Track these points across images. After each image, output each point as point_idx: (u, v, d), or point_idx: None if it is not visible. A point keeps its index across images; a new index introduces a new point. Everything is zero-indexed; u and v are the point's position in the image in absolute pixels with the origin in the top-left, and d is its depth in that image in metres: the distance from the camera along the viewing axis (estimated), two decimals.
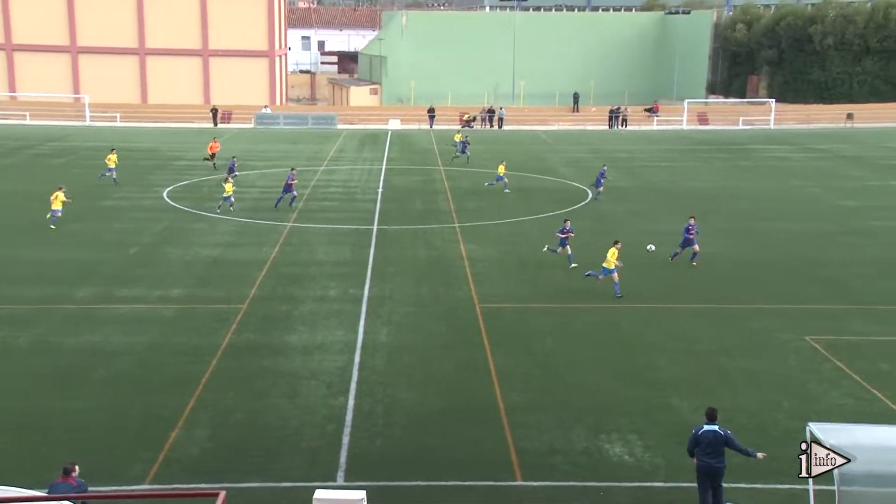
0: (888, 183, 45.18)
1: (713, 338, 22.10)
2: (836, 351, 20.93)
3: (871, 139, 64.74)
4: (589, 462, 15.79)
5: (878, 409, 17.71)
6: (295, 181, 38.82)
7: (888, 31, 78.19)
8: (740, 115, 77.98)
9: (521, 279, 27.54)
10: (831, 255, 30.24)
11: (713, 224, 35.58)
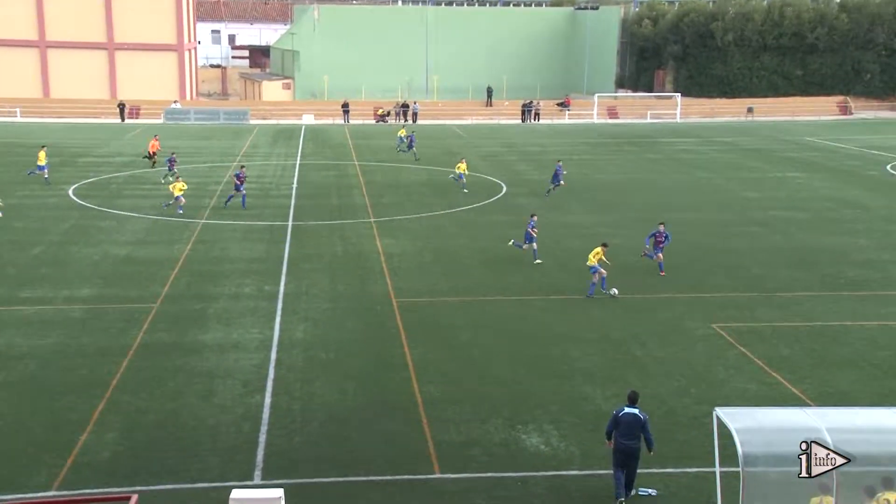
0: (786, 174, 46.82)
1: (625, 327, 22.57)
2: (741, 337, 21.62)
3: (769, 132, 66.98)
4: (506, 453, 15.95)
5: (780, 392, 18.36)
6: (244, 179, 37.99)
7: (783, 28, 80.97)
8: (648, 108, 79.75)
9: (438, 273, 27.63)
10: (735, 245, 31.18)
11: (624, 215, 36.32)
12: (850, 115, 79.76)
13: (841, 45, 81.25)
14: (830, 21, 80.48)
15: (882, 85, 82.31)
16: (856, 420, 13.26)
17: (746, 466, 12.13)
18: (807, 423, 12.88)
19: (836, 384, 18.77)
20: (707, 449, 14.15)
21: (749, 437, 12.41)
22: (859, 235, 32.39)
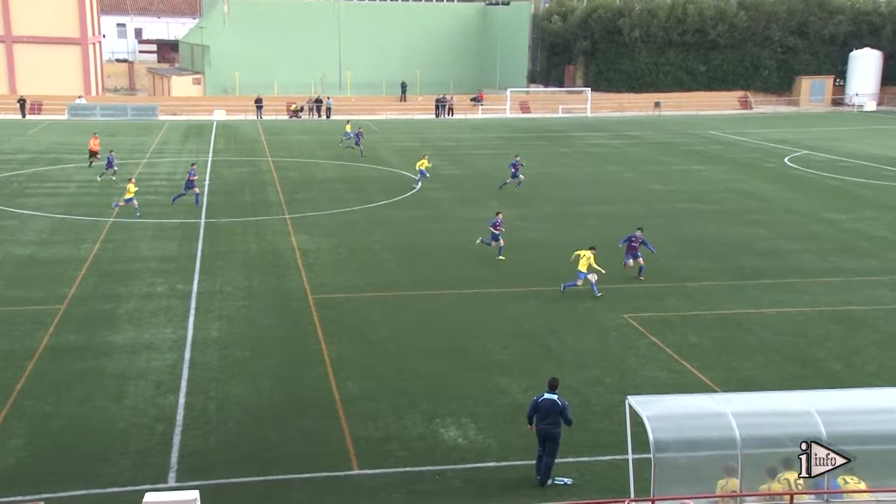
0: (691, 167, 48.07)
1: (541, 319, 22.86)
2: (651, 327, 22.14)
3: (675, 126, 68.68)
4: (424, 447, 15.99)
5: (688, 379, 18.87)
6: (196, 177, 37.09)
7: (687, 25, 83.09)
8: (559, 103, 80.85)
9: (354, 269, 27.49)
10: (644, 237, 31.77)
11: (538, 209, 36.76)
12: (750, 109, 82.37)
13: (741, 41, 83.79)
14: (730, 18, 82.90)
15: (779, 80, 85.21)
16: (759, 404, 13.71)
17: (657, 453, 12.42)
18: (714, 409, 13.28)
19: (740, 370, 19.38)
20: (621, 437, 14.45)
21: (660, 424, 12.71)
22: (761, 226, 33.48)
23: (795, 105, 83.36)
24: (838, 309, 23.35)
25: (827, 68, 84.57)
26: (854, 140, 58.46)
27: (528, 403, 15.21)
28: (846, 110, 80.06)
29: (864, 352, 20.37)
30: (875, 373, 19.04)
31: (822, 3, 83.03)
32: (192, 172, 37.07)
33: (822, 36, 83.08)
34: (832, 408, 13.20)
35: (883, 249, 29.51)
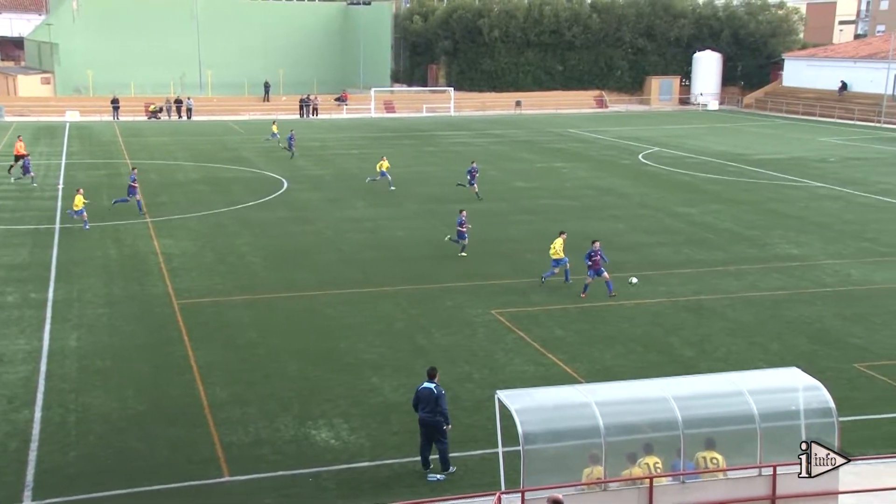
0: (552, 165, 49.31)
1: (410, 317, 22.94)
2: (518, 322, 22.58)
3: (536, 124, 70.29)
4: (296, 450, 15.78)
5: (555, 372, 19.35)
6: (136, 183, 35.37)
7: (543, 26, 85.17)
8: (423, 102, 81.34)
9: (220, 272, 26.83)
10: (510, 233, 32.48)
11: (405, 208, 36.87)
12: (605, 107, 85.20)
13: (594, 42, 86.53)
14: (584, 20, 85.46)
15: (630, 80, 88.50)
16: (620, 393, 14.20)
17: (526, 445, 12.68)
18: (579, 400, 13.66)
19: (602, 361, 20.03)
20: (491, 431, 14.67)
21: (528, 417, 12.98)
22: (618, 221, 34.67)
23: (647, 104, 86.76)
24: (691, 299, 24.46)
25: (674, 69, 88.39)
26: (700, 137, 61.37)
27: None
28: (692, 109, 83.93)
29: (714, 339, 21.42)
30: (724, 358, 20.05)
31: (667, 6, 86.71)
32: (132, 177, 35.55)
33: (668, 38, 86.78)
34: (687, 393, 13.81)
35: (729, 241, 31.10)
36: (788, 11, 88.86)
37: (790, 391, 13.94)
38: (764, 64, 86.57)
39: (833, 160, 49.57)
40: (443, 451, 14.94)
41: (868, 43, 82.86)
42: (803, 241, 30.97)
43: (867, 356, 20.12)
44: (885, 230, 32.42)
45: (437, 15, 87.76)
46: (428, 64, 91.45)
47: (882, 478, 14.10)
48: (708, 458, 13.28)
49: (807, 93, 77.93)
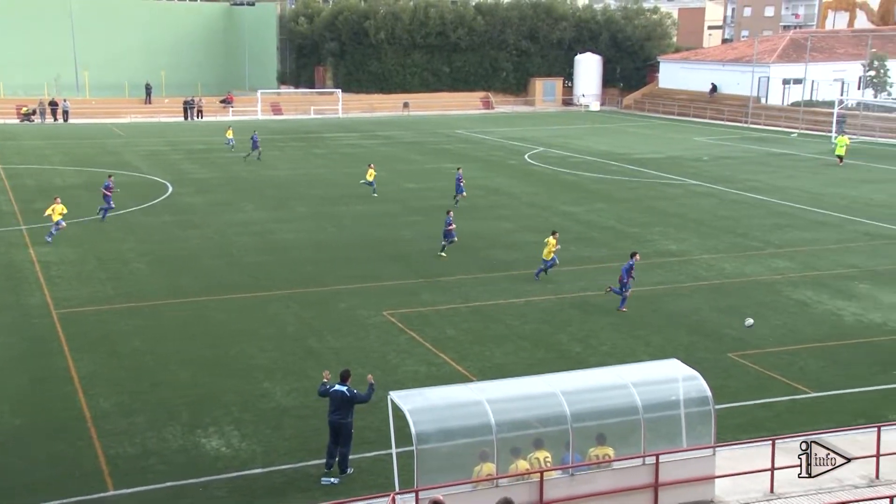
0: (440, 165, 49.57)
1: (302, 321, 22.67)
2: (410, 322, 22.61)
3: (424, 126, 70.55)
4: (186, 459, 15.37)
5: (447, 371, 19.47)
6: (112, 190, 33.87)
7: (429, 28, 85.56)
8: (311, 104, 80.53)
9: (103, 279, 25.88)
10: (401, 234, 32.48)
11: (294, 210, 36.42)
12: (492, 109, 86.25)
13: (480, 44, 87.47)
14: (469, 22, 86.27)
15: (515, 82, 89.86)
16: (510, 390, 14.41)
17: (419, 444, 12.72)
18: (470, 398, 13.80)
19: (493, 359, 20.26)
20: (384, 432, 14.64)
21: (421, 417, 13.03)
22: (507, 220, 35.15)
23: (531, 105, 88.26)
24: (577, 295, 25.02)
25: (557, 70, 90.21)
26: (583, 137, 62.86)
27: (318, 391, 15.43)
28: (575, 110, 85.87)
29: (600, 334, 21.98)
30: (609, 352, 20.59)
31: (549, 9, 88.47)
32: (108, 184, 34.05)
33: (551, 40, 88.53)
34: (574, 388, 14.13)
35: (612, 238, 31.96)
36: (662, 16, 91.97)
37: (671, 382, 14.44)
38: (641, 66, 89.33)
39: (707, 159, 51.59)
40: (345, 454, 14.86)
41: (734, 48, 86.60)
42: (681, 237, 32.11)
43: (740, 346, 21.03)
44: (754, 225, 33.93)
45: (322, 16, 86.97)
46: (315, 65, 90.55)
47: (755, 460, 14.75)
48: (601, 454, 13.62)
49: (681, 94, 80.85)
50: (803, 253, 29.55)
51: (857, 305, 23.99)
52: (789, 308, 23.78)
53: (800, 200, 38.30)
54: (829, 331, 22.08)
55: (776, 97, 72.67)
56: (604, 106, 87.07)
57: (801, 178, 44.40)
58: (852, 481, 14.68)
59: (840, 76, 70.92)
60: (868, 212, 35.76)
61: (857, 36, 78.43)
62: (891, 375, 19.23)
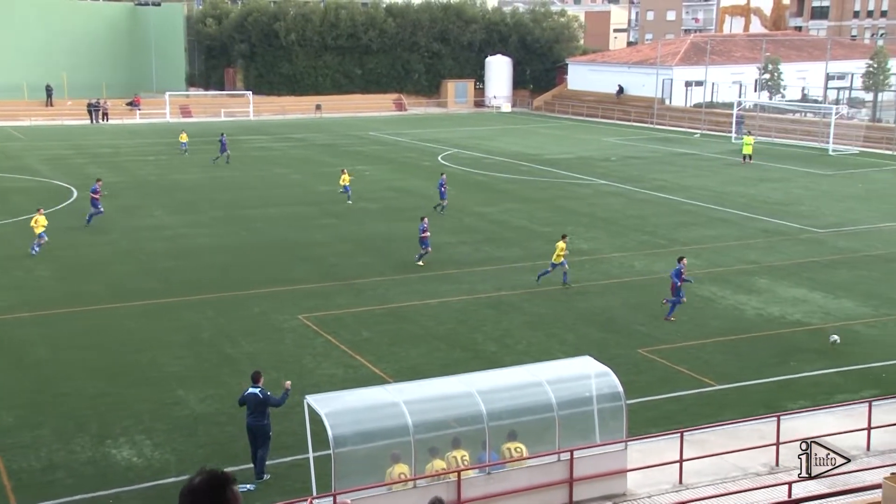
0: (354, 167, 49.28)
1: (216, 326, 22.26)
2: (325, 325, 22.44)
3: (337, 128, 70.08)
4: (95, 471, 14.93)
5: (364, 373, 19.39)
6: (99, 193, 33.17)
7: (340, 30, 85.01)
8: (222, 106, 79.10)
9: (4, 287, 24.90)
10: (315, 237, 32.20)
11: (206, 214, 35.72)
12: (404, 110, 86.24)
13: (391, 46, 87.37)
14: (380, 24, 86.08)
15: (427, 83, 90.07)
16: (427, 391, 14.46)
17: (336, 448, 12.64)
18: (387, 400, 13.79)
19: (409, 360, 20.28)
20: (301, 436, 14.49)
21: (338, 420, 12.96)
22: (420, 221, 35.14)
23: (444, 106, 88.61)
24: (492, 295, 25.23)
25: (468, 72, 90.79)
26: (495, 138, 63.41)
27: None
28: (486, 111, 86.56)
29: (515, 332, 22.22)
30: (525, 351, 20.84)
31: (459, 12, 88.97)
32: (95, 188, 32.95)
33: (462, 42, 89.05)
34: (490, 387, 14.27)
35: (524, 238, 32.35)
36: (569, 19, 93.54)
37: (584, 378, 14.71)
38: (550, 68, 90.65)
39: (615, 159, 52.68)
40: (262, 457, 14.70)
41: (639, 50, 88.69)
42: (592, 235, 32.71)
43: (649, 341, 21.56)
44: (661, 223, 34.82)
45: (231, 18, 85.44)
46: (225, 67, 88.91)
47: (665, 453, 15.15)
48: (512, 448, 13.77)
49: (589, 96, 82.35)
50: (707, 250, 30.46)
51: (758, 300, 24.86)
52: (694, 303, 24.48)
53: (703, 199, 39.47)
54: (733, 325, 22.82)
55: (679, 99, 74.68)
56: (515, 107, 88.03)
57: (704, 177, 45.76)
58: (755, 469, 15.21)
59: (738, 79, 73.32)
60: (766, 209, 37.09)
61: (753, 40, 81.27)
62: (789, 366, 20.00)
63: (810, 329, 22.41)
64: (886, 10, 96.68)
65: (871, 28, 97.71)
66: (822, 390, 18.74)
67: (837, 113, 56.51)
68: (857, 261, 28.85)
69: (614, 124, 73.46)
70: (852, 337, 21.84)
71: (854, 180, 44.66)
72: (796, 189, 42.01)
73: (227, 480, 4.07)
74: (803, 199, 39.46)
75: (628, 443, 14.55)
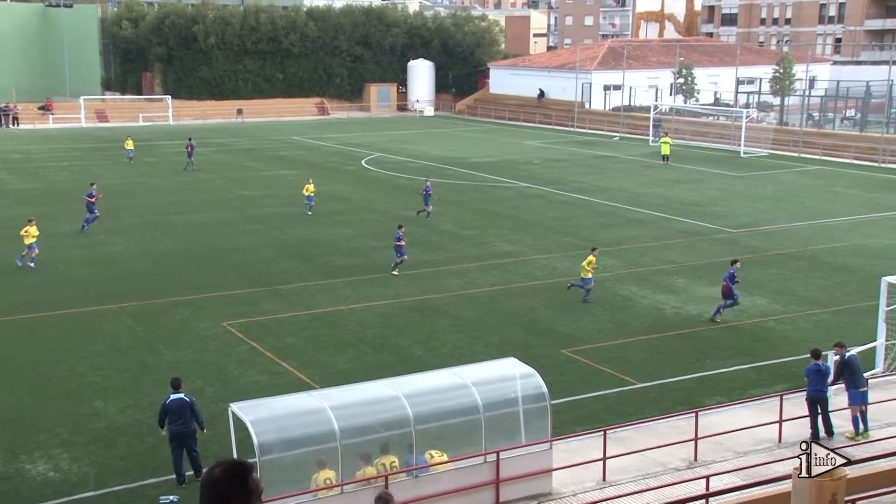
0: (278, 172, 48.83)
1: (136, 335, 21.75)
2: (250, 332, 22.14)
3: (259, 132, 69.24)
4: (8, 488, 14.44)
5: (289, 379, 19.19)
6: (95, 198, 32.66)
7: (261, 33, 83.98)
8: (140, 111, 77.35)
9: None
10: (238, 243, 31.73)
11: (124, 221, 34.88)
12: (327, 115, 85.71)
13: (313, 50, 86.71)
14: (301, 28, 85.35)
15: (350, 87, 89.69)
16: (354, 396, 14.40)
17: (263, 455, 12.49)
18: (314, 406, 13.68)
19: (335, 365, 20.15)
20: (227, 445, 14.27)
21: (264, 427, 12.82)
22: (346, 226, 35.02)
23: (367, 111, 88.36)
24: (417, 299, 25.26)
25: (391, 76, 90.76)
26: (419, 142, 63.51)
27: (158, 409, 14.99)
28: (410, 115, 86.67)
29: (440, 336, 22.29)
30: (450, 354, 20.91)
31: (381, 16, 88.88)
32: (91, 192, 32.15)
33: (384, 46, 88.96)
34: (417, 390, 14.29)
35: (449, 241, 32.48)
36: (490, 24, 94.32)
37: (509, 380, 14.85)
38: (472, 72, 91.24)
39: (537, 162, 53.31)
40: (196, 459, 14.45)
41: (558, 55, 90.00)
42: (515, 238, 33.03)
43: (573, 342, 21.88)
44: (582, 225, 35.38)
45: (148, 20, 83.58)
46: (142, 71, 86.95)
47: (590, 451, 15.40)
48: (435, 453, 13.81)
49: (511, 99, 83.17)
50: (627, 250, 31.08)
51: (676, 299, 25.47)
52: (616, 303, 24.94)
53: (622, 200, 40.24)
54: (653, 323, 23.32)
55: (598, 102, 76.04)
56: (438, 111, 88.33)
57: (622, 179, 46.67)
58: (674, 464, 15.58)
59: (654, 83, 75.03)
60: (682, 210, 38.02)
61: (667, 45, 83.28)
62: (705, 363, 20.55)
63: (726, 327, 23.07)
64: (790, 17, 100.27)
65: (776, 35, 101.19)
66: (738, 385, 19.30)
67: (748, 117, 58.26)
68: (769, 259, 29.82)
69: (536, 128, 74.35)
70: (765, 333, 22.56)
71: (764, 182, 46.14)
72: (711, 190, 43.19)
73: (247, 469, 4.05)
74: (717, 199, 40.60)
75: (553, 442, 14.74)
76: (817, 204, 39.60)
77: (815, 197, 41.43)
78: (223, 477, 4.00)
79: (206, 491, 4.00)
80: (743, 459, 15.57)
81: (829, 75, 77.92)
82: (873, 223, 35.48)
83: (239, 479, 4.01)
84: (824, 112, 64.26)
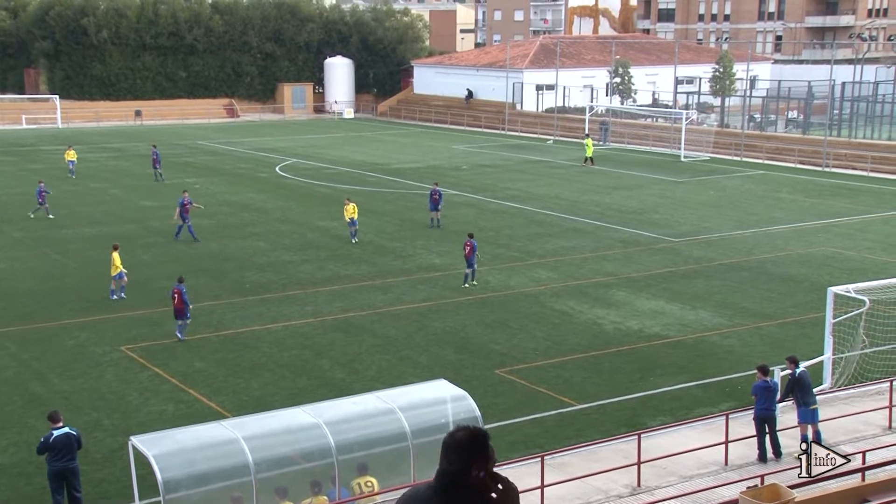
0: (182, 180, 48.07)
1: (21, 362, 21.16)
2: (153, 356, 21.74)
3: (161, 136, 68.07)
4: None
5: (198, 408, 18.90)
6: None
7: (160, 27, 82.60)
8: (23, 112, 75.41)
9: None
10: (141, 258, 31.08)
11: (5, 235, 33.91)
12: (237, 117, 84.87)
13: (219, 47, 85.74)
14: (206, 22, 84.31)
15: (262, 87, 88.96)
16: (270, 424, 14.29)
17: (167, 494, 12.30)
18: (225, 437, 13.52)
19: (250, 391, 19.93)
20: (127, 483, 13.98)
21: (168, 462, 12.62)
22: (259, 238, 34.69)
23: (280, 112, 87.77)
24: (339, 317, 25.16)
25: (306, 75, 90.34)
26: (338, 147, 63.35)
27: (37, 446, 14.77)
28: (328, 117, 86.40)
29: (365, 357, 22.25)
30: (375, 377, 20.88)
31: (294, 10, 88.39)
32: (184, 201, 33.54)
33: (298, 43, 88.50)
34: (339, 417, 14.26)
35: (372, 253, 32.45)
36: (413, 18, 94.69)
37: (439, 404, 14.92)
38: (395, 71, 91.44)
39: (466, 168, 53.70)
40: (78, 501, 14.10)
41: (487, 52, 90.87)
42: (444, 250, 33.16)
43: (507, 361, 22.07)
44: (515, 235, 35.74)
45: (29, 11, 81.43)
46: (24, 68, 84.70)
47: (527, 479, 15.52)
48: (362, 483, 13.78)
49: (437, 100, 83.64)
50: (563, 262, 31.50)
51: (616, 313, 25.92)
52: (553, 319, 25.25)
53: (557, 208, 40.81)
54: (592, 340, 23.69)
55: (531, 103, 76.98)
56: (358, 113, 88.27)
57: (557, 185, 47.33)
58: (616, 491, 15.84)
59: (589, 82, 76.36)
60: (621, 218, 38.75)
61: (602, 42, 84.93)
62: (648, 382, 20.96)
63: (669, 342, 23.57)
64: (729, 13, 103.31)
65: (715, 32, 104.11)
66: (683, 405, 19.73)
67: (688, 118, 59.66)
68: (712, 270, 30.58)
69: (464, 130, 74.91)
70: (709, 349, 23.12)
71: (706, 187, 47.33)
72: (650, 197, 44.10)
73: (487, 436, 4.64)
74: (658, 207, 41.48)
75: None
76: (761, 211, 40.80)
77: (759, 203, 42.68)
78: (468, 441, 4.56)
79: (448, 452, 4.59)
80: (688, 484, 15.91)
81: (771, 74, 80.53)
82: (818, 230, 36.72)
83: (481, 443, 4.57)
84: (766, 114, 66.28)
